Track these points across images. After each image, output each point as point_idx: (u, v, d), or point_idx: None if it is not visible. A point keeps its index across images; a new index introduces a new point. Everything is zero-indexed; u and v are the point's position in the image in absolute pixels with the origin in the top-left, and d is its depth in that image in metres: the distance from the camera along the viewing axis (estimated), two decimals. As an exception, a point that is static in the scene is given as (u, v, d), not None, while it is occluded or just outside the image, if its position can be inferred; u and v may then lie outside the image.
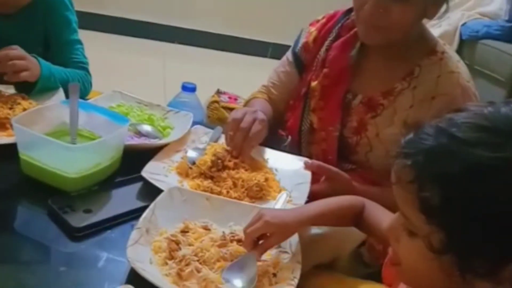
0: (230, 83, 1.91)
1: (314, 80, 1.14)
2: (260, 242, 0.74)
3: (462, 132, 0.52)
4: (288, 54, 1.23)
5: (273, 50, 3.43)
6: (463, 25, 2.78)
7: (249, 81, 1.27)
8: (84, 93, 1.25)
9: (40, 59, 1.16)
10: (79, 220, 0.77)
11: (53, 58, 1.24)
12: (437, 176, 0.52)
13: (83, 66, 1.32)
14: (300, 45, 1.20)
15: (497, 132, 0.52)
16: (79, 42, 1.34)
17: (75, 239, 0.76)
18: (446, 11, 1.03)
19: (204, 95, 1.48)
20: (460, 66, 1.05)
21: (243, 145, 0.98)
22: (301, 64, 1.19)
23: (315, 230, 0.94)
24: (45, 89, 1.14)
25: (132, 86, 2.52)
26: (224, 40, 3.45)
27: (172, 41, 3.36)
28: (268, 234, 0.74)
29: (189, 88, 1.28)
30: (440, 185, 0.51)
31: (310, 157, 1.15)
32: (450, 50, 1.08)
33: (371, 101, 1.08)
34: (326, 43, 1.15)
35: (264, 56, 3.48)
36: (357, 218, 0.82)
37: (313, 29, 1.19)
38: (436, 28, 2.91)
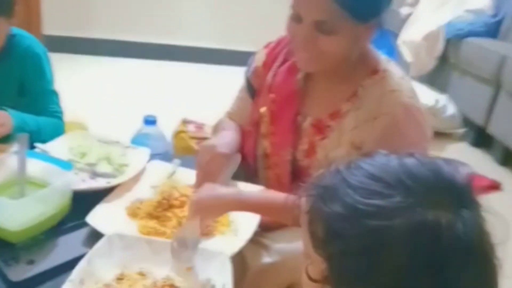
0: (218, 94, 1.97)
1: (262, 105, 1.15)
2: None
3: (352, 176, 0.56)
4: (243, 83, 1.25)
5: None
6: (447, 24, 2.77)
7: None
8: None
9: (10, 110, 1.21)
10: (19, 273, 0.80)
11: (28, 106, 1.30)
12: (322, 212, 0.56)
13: (57, 116, 1.37)
14: (251, 70, 1.21)
15: (380, 181, 0.54)
16: (54, 92, 1.39)
17: (16, 292, 0.79)
18: (380, 32, 1.03)
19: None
20: (402, 83, 1.04)
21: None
22: (252, 89, 1.21)
23: (266, 259, 0.96)
24: None
25: (121, 106, 2.57)
26: (212, 53, 3.49)
27: (159, 58, 3.41)
28: None
29: (150, 122, 1.30)
30: (323, 221, 0.55)
31: (266, 181, 1.17)
32: (393, 67, 1.08)
33: (320, 123, 1.08)
34: (273, 68, 1.16)
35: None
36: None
37: (263, 53, 1.21)
38: (420, 27, 2.90)
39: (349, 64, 1.05)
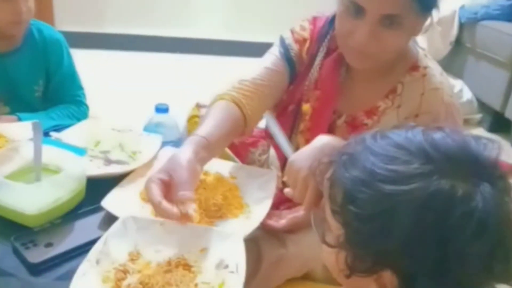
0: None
1: (306, 102, 1.10)
2: None
3: (376, 144, 0.56)
4: (277, 55, 1.11)
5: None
6: (461, 7, 2.72)
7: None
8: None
9: (23, 115, 1.26)
10: (38, 255, 0.82)
11: (53, 92, 1.39)
12: (342, 177, 0.57)
13: (78, 99, 1.43)
14: (294, 51, 1.11)
15: (402, 148, 0.54)
16: (75, 74, 1.44)
17: (36, 273, 0.80)
18: (430, 24, 0.99)
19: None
20: (443, 80, 1.02)
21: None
22: (294, 71, 1.11)
23: (281, 250, 0.96)
24: None
25: (135, 98, 2.59)
26: (224, 44, 3.49)
27: (173, 51, 3.43)
28: None
29: (161, 110, 1.31)
30: (342, 186, 0.56)
31: None
32: (432, 62, 1.05)
33: (355, 120, 1.05)
34: (318, 59, 1.10)
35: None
36: None
37: (305, 35, 1.11)
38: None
39: (390, 59, 1.01)
